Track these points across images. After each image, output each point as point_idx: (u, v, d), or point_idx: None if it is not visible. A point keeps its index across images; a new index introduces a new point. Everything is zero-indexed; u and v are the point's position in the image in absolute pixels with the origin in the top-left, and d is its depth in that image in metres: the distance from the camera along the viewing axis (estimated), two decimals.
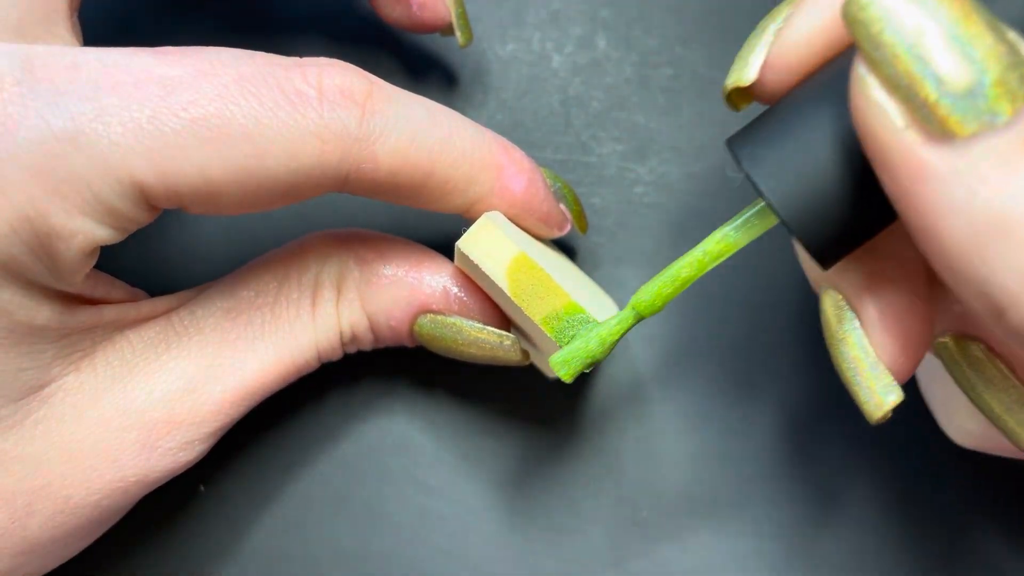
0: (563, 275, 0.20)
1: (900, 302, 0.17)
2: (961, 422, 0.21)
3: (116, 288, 0.19)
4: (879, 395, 0.17)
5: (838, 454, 0.23)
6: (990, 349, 0.17)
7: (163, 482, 0.20)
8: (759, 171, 0.15)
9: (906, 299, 0.17)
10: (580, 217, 0.22)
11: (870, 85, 0.13)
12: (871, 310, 0.17)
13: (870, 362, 0.17)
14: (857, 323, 0.17)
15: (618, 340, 0.18)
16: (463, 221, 0.20)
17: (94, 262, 0.18)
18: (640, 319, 0.18)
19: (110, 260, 0.20)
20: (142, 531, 0.23)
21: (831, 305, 0.17)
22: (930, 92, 0.13)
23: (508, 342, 0.20)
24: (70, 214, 0.16)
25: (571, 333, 0.19)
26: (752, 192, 0.16)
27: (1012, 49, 0.13)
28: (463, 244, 0.19)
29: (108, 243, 0.17)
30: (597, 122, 0.25)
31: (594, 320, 0.19)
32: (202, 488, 0.23)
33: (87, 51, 0.17)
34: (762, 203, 0.17)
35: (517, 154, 0.20)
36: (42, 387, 0.18)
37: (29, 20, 0.18)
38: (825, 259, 0.16)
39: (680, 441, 0.24)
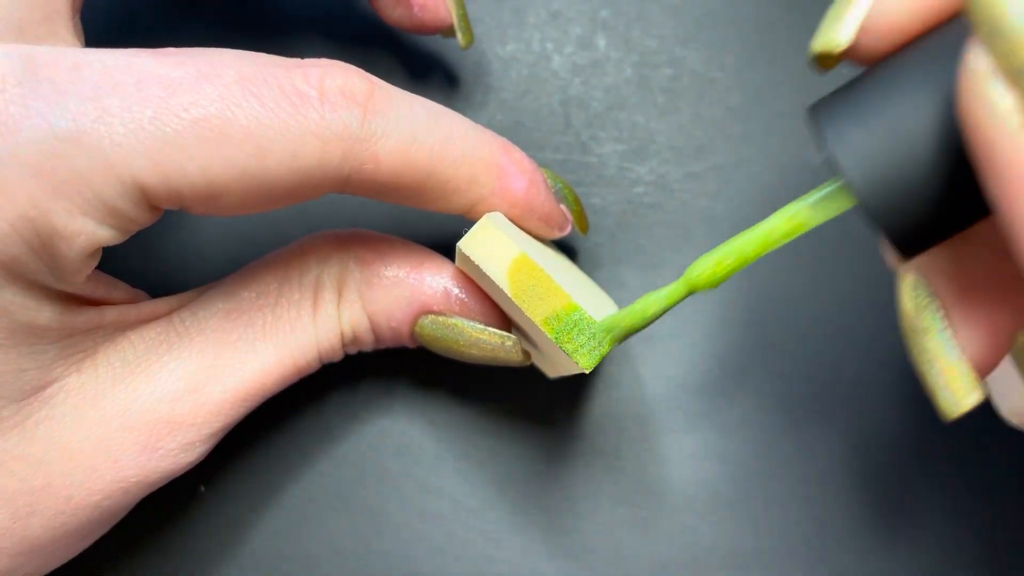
0: (564, 276, 0.20)
1: (991, 293, 0.15)
2: (1016, 404, 0.20)
3: (117, 289, 0.19)
4: (959, 394, 0.15)
5: (838, 454, 0.23)
6: None
7: (164, 483, 0.20)
8: (844, 149, 0.14)
9: (998, 290, 0.15)
10: (581, 217, 0.22)
11: (983, 77, 0.12)
12: (959, 300, 0.15)
13: (952, 357, 0.15)
14: (941, 313, 0.15)
15: (663, 312, 0.17)
16: (464, 222, 0.20)
17: (96, 263, 0.18)
18: (691, 293, 0.17)
19: (111, 261, 0.20)
20: (143, 531, 0.23)
21: (912, 290, 0.16)
22: None
23: (509, 343, 0.20)
24: (72, 214, 0.16)
25: (572, 334, 0.19)
26: (824, 170, 0.14)
27: None
28: (464, 245, 0.19)
29: (110, 244, 0.17)
30: (597, 122, 0.25)
31: (595, 320, 0.19)
32: (202, 488, 0.23)
33: (89, 52, 0.17)
34: (840, 182, 0.15)
35: (518, 155, 0.20)
36: (43, 388, 0.18)
37: (31, 21, 0.18)
38: (908, 250, 0.14)
39: (680, 441, 0.24)
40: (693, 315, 0.24)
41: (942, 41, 0.14)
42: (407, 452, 0.24)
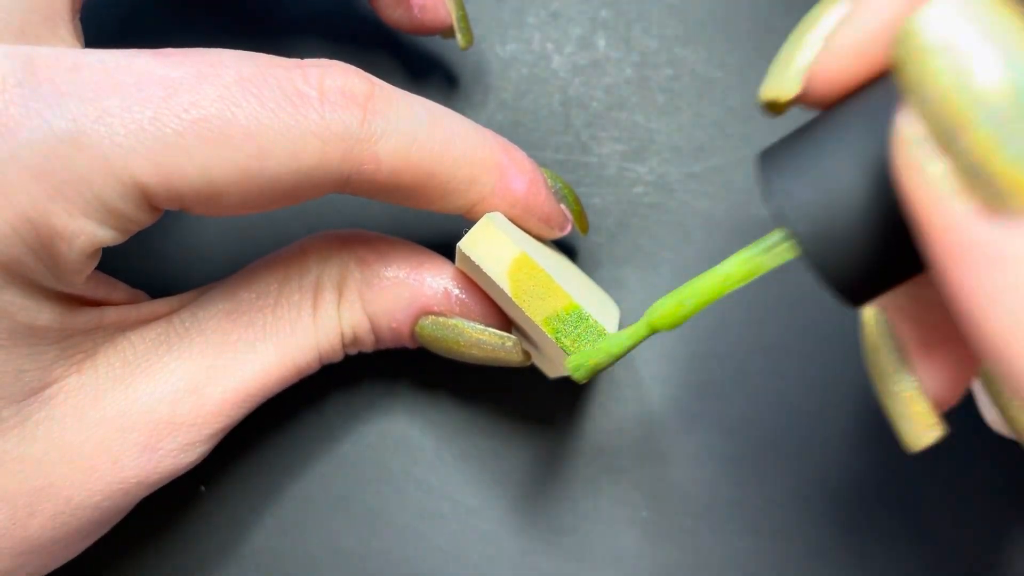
0: (564, 276, 0.20)
1: (949, 331, 0.15)
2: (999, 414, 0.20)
3: (117, 289, 0.19)
4: (918, 429, 0.15)
5: (838, 454, 0.23)
6: None
7: (164, 483, 0.20)
8: (786, 200, 0.14)
9: (955, 329, 0.15)
10: (581, 217, 0.22)
11: (914, 143, 0.11)
12: (917, 338, 0.15)
13: (913, 393, 0.15)
14: (899, 350, 0.16)
15: (627, 351, 0.17)
16: (464, 222, 0.20)
17: (96, 263, 0.18)
18: (653, 333, 0.17)
19: (112, 261, 0.20)
20: (143, 531, 0.23)
21: (874, 326, 0.16)
22: (988, 149, 0.10)
23: (509, 343, 0.20)
24: (72, 215, 0.16)
25: (572, 333, 0.19)
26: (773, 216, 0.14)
27: None
28: (464, 245, 0.19)
29: (110, 244, 0.17)
30: (597, 122, 0.25)
31: (595, 320, 0.19)
32: (203, 488, 0.23)
33: (89, 53, 0.17)
34: (781, 235, 0.15)
35: (518, 154, 0.20)
36: (43, 388, 0.18)
37: (31, 22, 0.18)
38: (854, 301, 0.14)
39: (680, 441, 0.24)
40: (693, 315, 0.24)
41: (887, 90, 0.13)
42: (407, 452, 0.24)
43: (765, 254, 0.15)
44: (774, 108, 0.15)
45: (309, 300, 0.20)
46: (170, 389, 0.19)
